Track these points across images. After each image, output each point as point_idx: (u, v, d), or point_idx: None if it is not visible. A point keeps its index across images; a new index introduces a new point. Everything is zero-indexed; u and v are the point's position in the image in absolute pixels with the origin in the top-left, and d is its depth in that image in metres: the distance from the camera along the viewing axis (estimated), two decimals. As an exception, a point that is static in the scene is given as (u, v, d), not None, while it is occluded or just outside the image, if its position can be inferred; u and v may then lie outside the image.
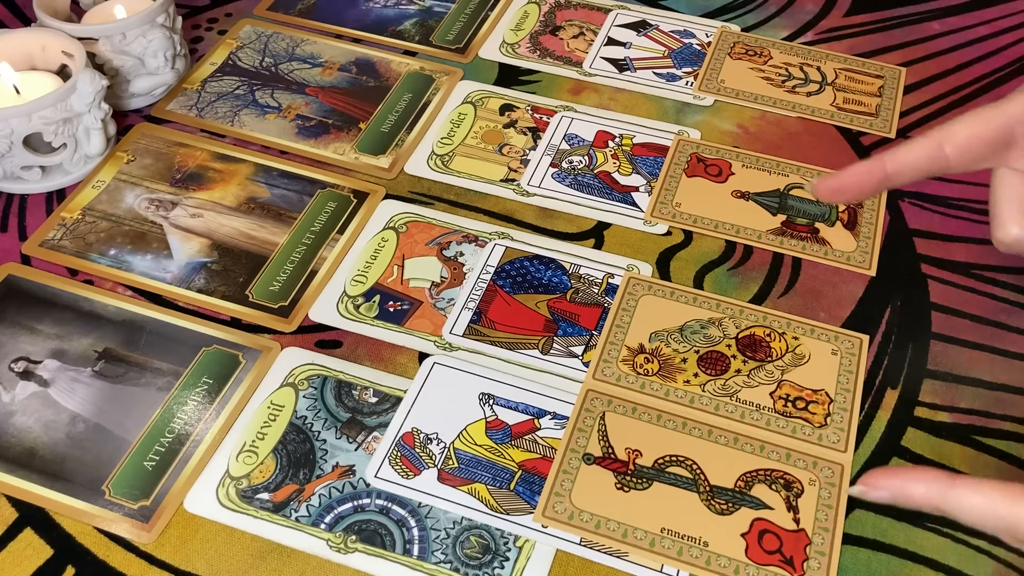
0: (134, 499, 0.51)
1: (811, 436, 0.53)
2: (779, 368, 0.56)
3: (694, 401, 0.55)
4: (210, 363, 0.56)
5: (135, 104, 0.72)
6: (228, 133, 0.70)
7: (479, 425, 0.54)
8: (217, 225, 0.64)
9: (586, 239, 0.64)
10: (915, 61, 0.76)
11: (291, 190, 0.66)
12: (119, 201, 0.65)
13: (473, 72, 0.75)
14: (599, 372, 0.56)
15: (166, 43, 0.71)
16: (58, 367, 0.56)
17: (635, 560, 0.49)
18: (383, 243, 0.63)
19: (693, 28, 0.79)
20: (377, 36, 0.78)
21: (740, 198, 0.66)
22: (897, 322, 0.59)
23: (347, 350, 0.58)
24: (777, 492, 0.51)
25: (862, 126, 0.71)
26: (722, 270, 0.62)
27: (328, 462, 0.52)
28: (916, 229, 0.64)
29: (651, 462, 0.52)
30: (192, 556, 0.49)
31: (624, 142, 0.70)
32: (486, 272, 0.61)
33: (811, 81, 0.74)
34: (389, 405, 0.55)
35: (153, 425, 0.54)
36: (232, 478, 0.52)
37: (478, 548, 0.49)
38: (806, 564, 0.49)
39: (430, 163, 0.68)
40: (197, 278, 0.61)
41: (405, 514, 0.50)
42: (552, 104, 0.72)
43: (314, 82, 0.74)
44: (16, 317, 0.59)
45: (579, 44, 0.77)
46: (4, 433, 0.53)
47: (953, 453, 0.53)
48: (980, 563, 0.49)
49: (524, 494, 0.51)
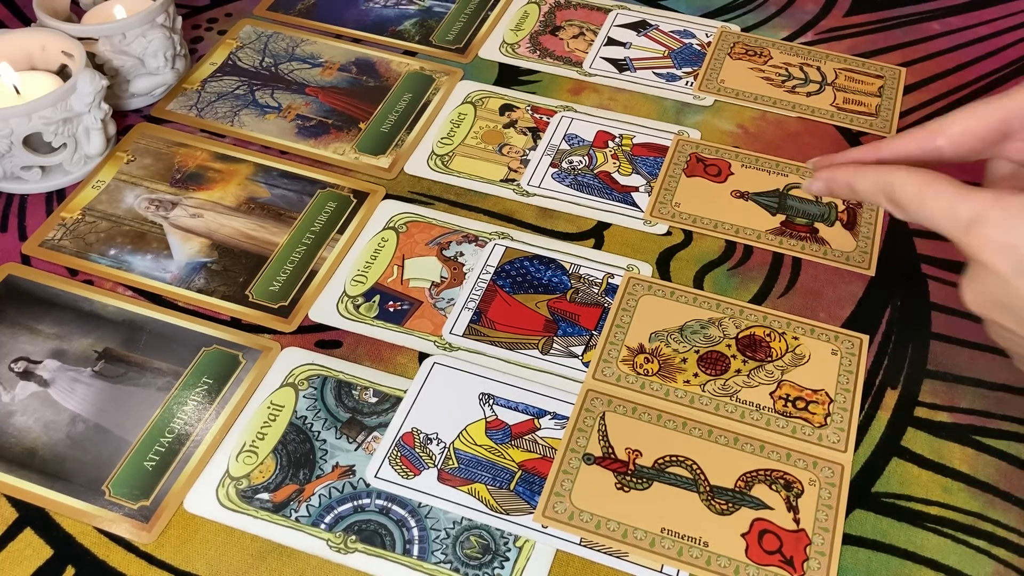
0: (134, 499, 0.51)
1: (811, 436, 0.53)
2: (779, 368, 0.56)
3: (694, 401, 0.55)
4: (210, 363, 0.56)
5: (135, 104, 0.72)
6: (228, 133, 0.70)
7: (479, 425, 0.54)
8: (217, 225, 0.64)
9: (586, 239, 0.64)
10: (915, 61, 0.76)
11: (291, 190, 0.66)
12: (119, 201, 0.65)
13: (473, 72, 0.75)
14: (599, 372, 0.56)
15: (166, 43, 0.71)
16: (58, 367, 0.56)
17: (635, 560, 0.49)
18: (383, 243, 0.63)
19: (693, 28, 0.79)
20: (377, 36, 0.78)
21: (740, 198, 0.66)
22: (897, 322, 0.59)
23: (347, 350, 0.58)
24: (777, 492, 0.51)
25: (862, 126, 0.71)
26: (722, 270, 0.62)
27: (328, 462, 0.52)
28: (916, 229, 0.64)
29: (651, 462, 0.52)
30: (192, 556, 0.49)
31: (624, 142, 0.70)
32: (486, 272, 0.61)
33: (811, 81, 0.74)
34: (389, 405, 0.55)
35: (153, 425, 0.54)
36: (232, 478, 0.52)
37: (478, 548, 0.49)
38: (806, 564, 0.49)
39: (430, 163, 0.68)
40: (197, 278, 0.61)
41: (405, 514, 0.50)
42: (552, 104, 0.72)
43: (314, 82, 0.74)
44: (16, 317, 0.59)
45: (579, 44, 0.77)
46: (4, 433, 0.53)
47: (953, 453, 0.53)
48: (980, 563, 0.49)
49: (524, 494, 0.51)
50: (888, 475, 0.52)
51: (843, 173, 0.48)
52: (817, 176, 0.50)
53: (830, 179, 0.49)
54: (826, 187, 0.50)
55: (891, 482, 0.52)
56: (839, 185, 0.49)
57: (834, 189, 0.49)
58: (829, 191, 0.50)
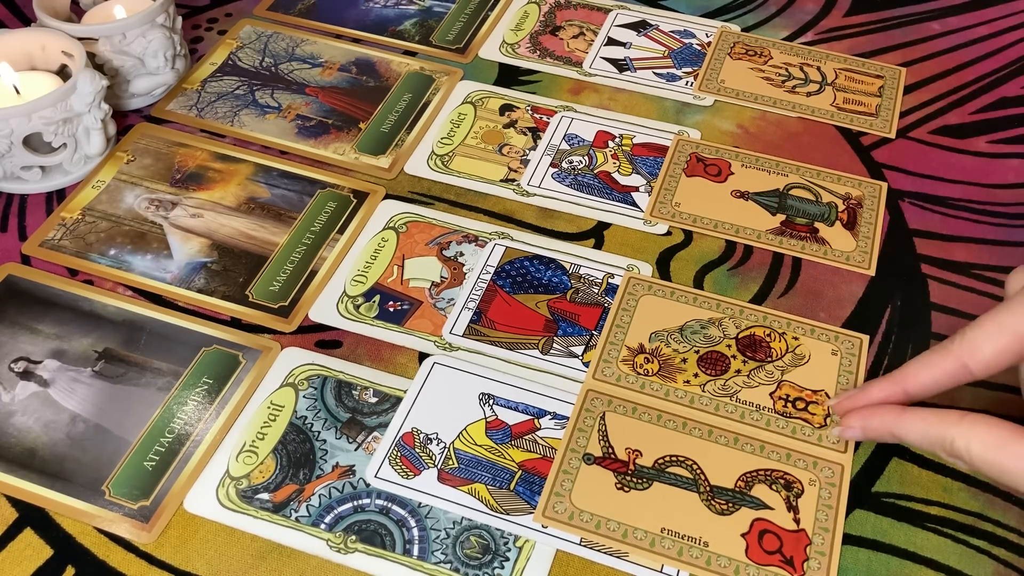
0: (134, 499, 0.51)
1: (811, 436, 0.53)
2: (779, 368, 0.56)
3: (694, 401, 0.55)
4: (210, 363, 0.56)
5: (135, 104, 0.72)
6: (228, 133, 0.70)
7: (479, 425, 0.54)
8: (217, 225, 0.64)
9: (586, 239, 0.64)
10: (915, 61, 0.76)
11: (291, 190, 0.66)
12: (119, 201, 0.65)
13: (473, 72, 0.75)
14: (599, 372, 0.56)
15: (166, 43, 0.71)
16: (58, 367, 0.56)
17: (635, 560, 0.49)
18: (383, 243, 0.63)
19: (693, 28, 0.79)
20: (377, 36, 0.78)
21: (740, 198, 0.66)
22: (897, 322, 0.59)
23: (347, 350, 0.58)
24: (777, 492, 0.51)
25: (862, 126, 0.71)
26: (722, 270, 0.62)
27: (328, 462, 0.52)
28: (916, 229, 0.64)
29: (651, 462, 0.52)
30: (192, 556, 0.49)
31: (624, 142, 0.70)
32: (486, 272, 0.61)
33: (811, 81, 0.74)
34: (389, 405, 0.55)
35: (153, 425, 0.54)
36: (232, 478, 0.52)
37: (478, 548, 0.49)
38: (806, 564, 0.49)
39: (430, 163, 0.68)
40: (197, 278, 0.61)
41: (405, 514, 0.50)
42: (552, 104, 0.72)
43: (314, 82, 0.74)
44: (16, 317, 0.59)
45: (579, 44, 0.77)
46: (4, 433, 0.53)
47: (953, 453, 0.53)
48: (980, 563, 0.49)
49: (524, 494, 0.51)
50: (888, 475, 0.52)
51: (882, 419, 0.46)
52: (848, 423, 0.48)
53: (866, 427, 0.47)
54: (863, 434, 0.47)
55: (891, 482, 0.52)
56: (879, 433, 0.46)
57: (872, 436, 0.47)
58: (866, 438, 0.47)
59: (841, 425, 0.49)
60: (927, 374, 0.45)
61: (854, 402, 0.48)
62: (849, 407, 0.48)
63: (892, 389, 0.46)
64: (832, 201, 0.66)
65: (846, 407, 0.48)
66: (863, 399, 0.48)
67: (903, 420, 0.45)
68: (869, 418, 0.47)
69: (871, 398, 0.47)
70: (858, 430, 0.47)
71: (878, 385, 0.47)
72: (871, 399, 0.47)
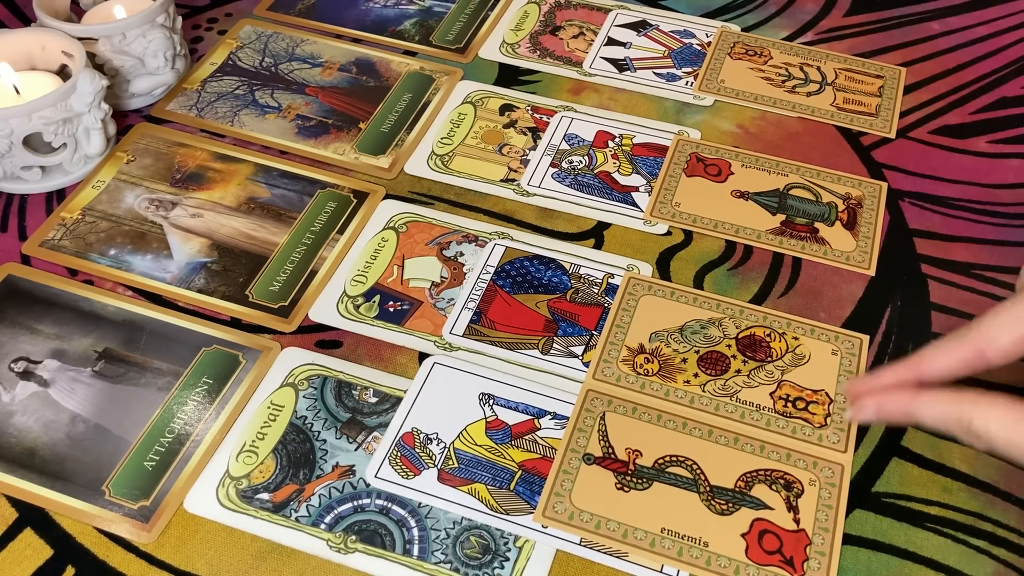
0: (134, 499, 0.51)
1: (811, 436, 0.53)
2: (779, 368, 0.56)
3: (694, 401, 0.55)
4: (210, 363, 0.56)
5: (135, 104, 0.72)
6: (228, 133, 0.70)
7: (479, 425, 0.54)
8: (217, 225, 0.64)
9: (586, 239, 0.64)
10: (915, 61, 0.76)
11: (291, 190, 0.66)
12: (119, 201, 0.65)
13: (473, 72, 0.75)
14: (599, 372, 0.56)
15: (166, 43, 0.71)
16: (58, 367, 0.56)
17: (635, 560, 0.49)
18: (383, 243, 0.63)
19: (693, 28, 0.79)
20: (377, 36, 0.78)
21: (740, 198, 0.66)
22: (897, 322, 0.59)
23: (347, 350, 0.58)
24: (777, 492, 0.51)
25: (862, 126, 0.71)
26: (722, 270, 0.62)
27: (328, 462, 0.52)
28: (916, 229, 0.64)
29: (651, 462, 0.52)
30: (192, 556, 0.49)
31: (624, 142, 0.70)
32: (486, 272, 0.61)
33: (811, 81, 0.74)
34: (389, 405, 0.55)
35: (153, 425, 0.54)
36: (232, 478, 0.52)
37: (478, 548, 0.49)
38: (806, 564, 0.49)
39: (430, 163, 0.68)
40: (197, 278, 0.61)
41: (405, 514, 0.50)
42: (552, 104, 0.72)
43: (314, 82, 0.74)
44: (16, 317, 0.59)
45: (579, 44, 0.77)
46: (4, 433, 0.53)
47: (953, 453, 0.53)
48: (980, 563, 0.49)
49: (524, 494, 0.51)
50: (888, 475, 0.52)
51: (897, 400, 0.45)
52: (861, 404, 0.47)
53: (881, 408, 0.46)
54: (876, 415, 0.47)
55: (891, 482, 0.52)
56: (894, 414, 0.46)
57: (886, 418, 0.46)
58: (880, 419, 0.47)
59: (854, 407, 0.48)
60: (943, 360, 0.45)
61: (868, 385, 0.48)
62: (863, 390, 0.48)
63: (906, 374, 0.46)
64: (832, 201, 0.66)
65: (859, 390, 0.48)
66: (877, 383, 0.47)
67: (919, 400, 0.45)
68: (884, 399, 0.46)
69: (885, 382, 0.47)
70: (872, 411, 0.47)
71: (892, 369, 0.47)
72: (885, 383, 0.47)
